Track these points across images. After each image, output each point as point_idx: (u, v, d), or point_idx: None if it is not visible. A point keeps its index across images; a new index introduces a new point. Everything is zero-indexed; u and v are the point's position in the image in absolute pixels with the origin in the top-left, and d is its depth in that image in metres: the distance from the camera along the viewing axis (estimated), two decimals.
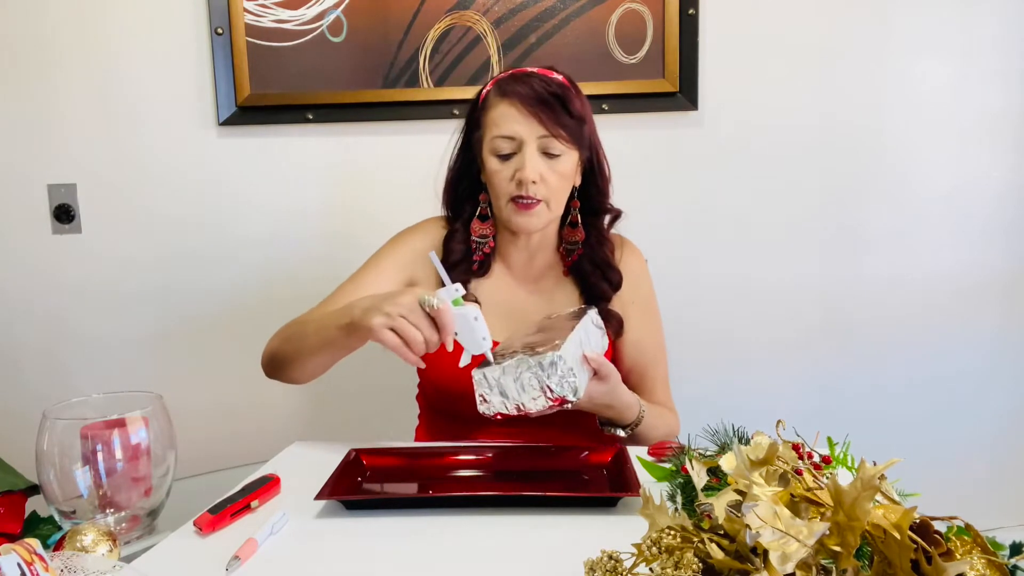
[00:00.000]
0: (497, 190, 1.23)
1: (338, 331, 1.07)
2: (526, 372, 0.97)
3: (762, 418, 0.86)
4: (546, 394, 0.98)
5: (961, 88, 1.80)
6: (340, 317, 1.07)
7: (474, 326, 1.00)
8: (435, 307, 0.98)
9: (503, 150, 1.20)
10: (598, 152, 1.29)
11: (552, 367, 0.97)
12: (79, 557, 0.72)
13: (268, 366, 1.25)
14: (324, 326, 1.11)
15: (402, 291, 1.04)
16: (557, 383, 0.97)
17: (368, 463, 1.06)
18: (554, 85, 1.21)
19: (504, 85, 1.22)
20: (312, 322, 1.17)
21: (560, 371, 0.97)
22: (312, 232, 1.85)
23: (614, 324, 1.29)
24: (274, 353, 1.23)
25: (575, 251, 1.31)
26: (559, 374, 0.97)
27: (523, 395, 0.98)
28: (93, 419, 0.90)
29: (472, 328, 1.00)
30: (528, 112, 1.18)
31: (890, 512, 0.55)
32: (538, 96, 1.19)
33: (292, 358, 1.18)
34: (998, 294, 1.86)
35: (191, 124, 1.82)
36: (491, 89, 1.24)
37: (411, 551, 0.83)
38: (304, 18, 1.77)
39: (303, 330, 1.17)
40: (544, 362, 0.97)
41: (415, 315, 0.98)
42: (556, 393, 0.98)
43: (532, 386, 0.98)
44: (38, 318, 1.89)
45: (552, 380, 0.97)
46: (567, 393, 0.98)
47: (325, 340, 1.11)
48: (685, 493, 0.89)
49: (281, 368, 1.22)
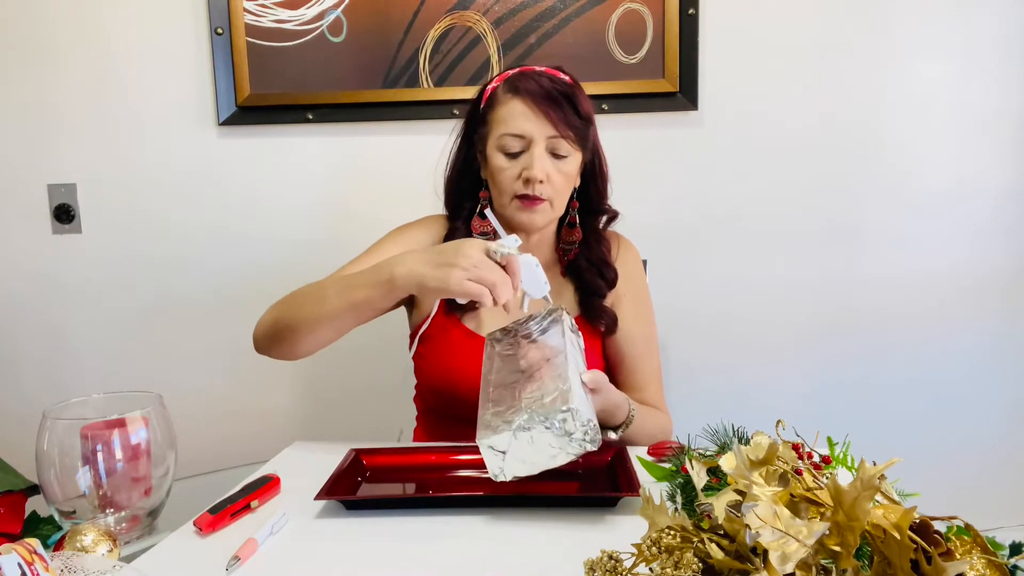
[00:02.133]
0: (501, 187, 1.22)
1: (373, 289, 1.05)
2: (541, 434, 0.88)
3: (762, 418, 0.86)
4: (567, 451, 0.89)
5: (961, 88, 1.80)
6: (374, 277, 1.05)
7: (536, 272, 1.05)
8: (506, 254, 1.00)
9: (511, 148, 1.20)
10: (599, 154, 1.30)
11: (569, 424, 0.88)
12: (79, 557, 0.72)
13: (265, 337, 1.19)
14: (350, 287, 1.08)
15: (464, 242, 1.01)
16: (579, 441, 0.88)
17: (368, 463, 1.06)
18: (563, 84, 1.21)
19: (515, 81, 1.21)
20: (328, 287, 1.12)
21: (579, 422, 0.88)
22: (312, 232, 1.85)
23: (607, 321, 1.29)
24: (276, 322, 1.17)
25: (572, 250, 1.32)
26: (579, 427, 0.88)
27: (543, 457, 0.89)
28: (93, 419, 0.90)
29: (535, 274, 1.05)
30: (539, 110, 1.18)
31: (890, 512, 0.55)
32: (548, 94, 1.18)
33: (300, 326, 1.13)
34: (998, 294, 1.86)
35: (191, 124, 1.82)
36: (499, 85, 1.23)
37: (411, 551, 0.83)
38: (304, 18, 1.77)
39: (318, 295, 1.12)
40: (555, 420, 0.88)
41: (487, 264, 0.98)
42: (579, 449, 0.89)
43: (551, 445, 0.89)
44: (38, 318, 1.89)
45: (574, 437, 0.88)
46: (589, 446, 0.89)
47: (350, 303, 1.08)
48: (685, 493, 0.89)
49: (282, 339, 1.16)
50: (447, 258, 0.99)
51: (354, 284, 1.09)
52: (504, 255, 1.00)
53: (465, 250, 0.99)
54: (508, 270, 0.99)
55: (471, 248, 0.99)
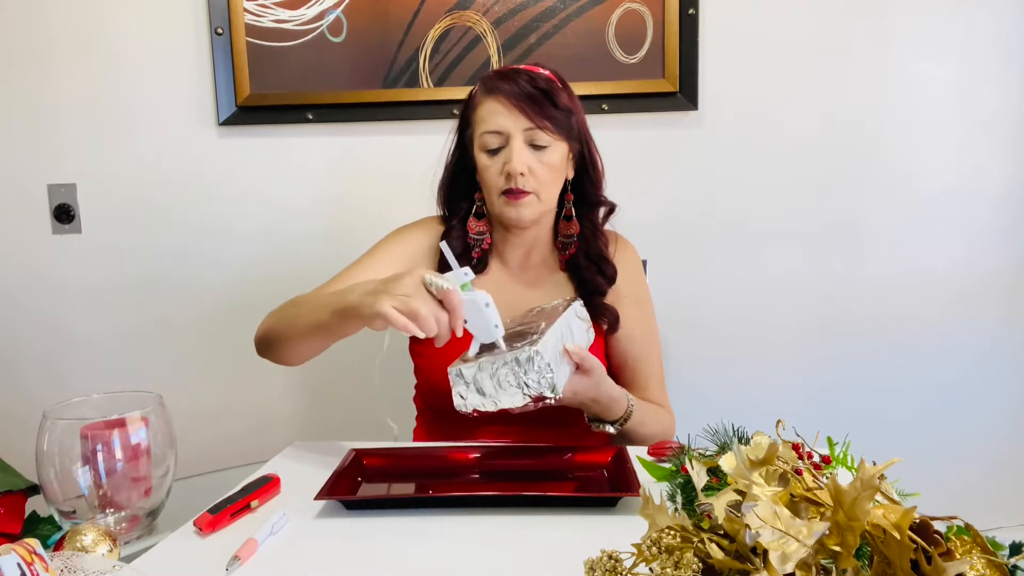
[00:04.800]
0: (488, 185, 1.24)
1: (331, 316, 1.04)
2: (502, 368, 0.95)
3: (762, 418, 0.86)
4: (524, 391, 0.96)
5: (961, 87, 1.80)
6: (334, 302, 1.04)
7: (485, 312, 0.96)
8: (442, 288, 0.93)
9: (491, 145, 1.22)
10: (589, 144, 1.30)
11: (529, 363, 0.94)
12: (79, 557, 0.72)
13: (260, 344, 1.24)
14: (317, 308, 1.09)
15: (406, 272, 0.97)
16: (535, 380, 0.95)
17: (368, 463, 1.06)
18: (540, 80, 1.22)
19: (489, 82, 1.24)
20: (306, 304, 1.15)
21: (537, 366, 0.95)
22: (312, 232, 1.85)
23: (609, 318, 1.29)
24: (267, 332, 1.21)
25: (570, 245, 1.32)
26: (536, 370, 0.95)
27: (500, 392, 0.96)
28: (93, 419, 0.90)
29: (484, 315, 0.96)
30: (512, 105, 1.20)
31: (890, 512, 0.55)
32: (523, 92, 1.20)
33: (283, 339, 1.17)
34: (998, 294, 1.86)
35: (191, 124, 1.82)
36: (478, 87, 1.26)
37: (411, 551, 0.83)
38: (304, 18, 1.77)
39: (297, 312, 1.16)
40: (521, 358, 0.94)
41: (420, 295, 0.94)
42: (534, 390, 0.96)
43: (509, 383, 0.95)
44: (38, 318, 1.89)
45: (529, 376, 0.95)
46: (545, 390, 0.96)
47: (317, 324, 1.09)
48: (685, 493, 0.89)
49: (272, 348, 1.21)
50: (384, 286, 0.96)
51: (319, 307, 1.08)
52: (440, 288, 0.93)
53: (403, 278, 0.96)
54: (446, 306, 0.94)
55: (408, 277, 0.96)
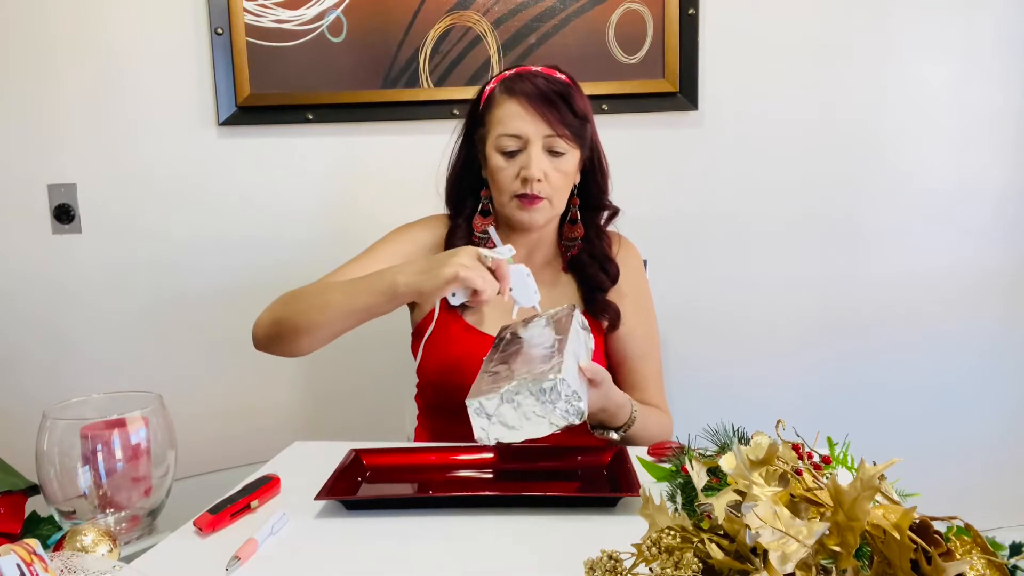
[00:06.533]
0: (501, 187, 1.24)
1: (377, 296, 1.12)
2: (527, 399, 0.91)
3: (762, 418, 0.86)
4: (550, 419, 0.92)
5: (961, 88, 1.80)
6: (375, 285, 1.12)
7: (527, 281, 1.14)
8: (496, 259, 1.09)
9: (508, 147, 1.21)
10: (598, 150, 1.30)
11: (555, 393, 0.91)
12: (79, 557, 0.72)
13: (265, 336, 1.22)
14: (356, 292, 1.14)
15: (460, 248, 1.11)
16: (563, 410, 0.91)
17: (368, 463, 1.06)
18: (558, 84, 1.22)
19: (510, 83, 1.23)
20: (335, 290, 1.18)
21: (564, 395, 0.91)
22: (312, 232, 1.85)
23: (611, 315, 1.30)
24: (279, 323, 1.20)
25: (574, 247, 1.33)
26: (564, 399, 0.91)
27: (526, 424, 0.92)
28: (93, 419, 0.90)
29: (525, 283, 1.14)
30: (534, 111, 1.20)
31: (890, 512, 0.55)
32: (543, 94, 1.20)
33: (304, 328, 1.17)
34: (998, 294, 1.86)
35: (191, 124, 1.82)
36: (496, 87, 1.25)
37: (411, 551, 0.83)
38: (304, 18, 1.77)
39: (323, 300, 1.17)
40: (546, 387, 0.91)
41: (477, 265, 1.07)
42: (562, 420, 0.92)
43: (535, 413, 0.92)
44: (38, 318, 1.89)
45: (558, 406, 0.91)
46: (573, 419, 0.92)
47: (360, 307, 1.14)
48: (685, 493, 0.89)
49: (283, 339, 1.20)
50: (442, 261, 1.08)
51: (357, 290, 1.15)
52: (494, 260, 1.09)
53: (459, 253, 1.09)
54: (497, 274, 1.09)
55: (464, 252, 1.09)
